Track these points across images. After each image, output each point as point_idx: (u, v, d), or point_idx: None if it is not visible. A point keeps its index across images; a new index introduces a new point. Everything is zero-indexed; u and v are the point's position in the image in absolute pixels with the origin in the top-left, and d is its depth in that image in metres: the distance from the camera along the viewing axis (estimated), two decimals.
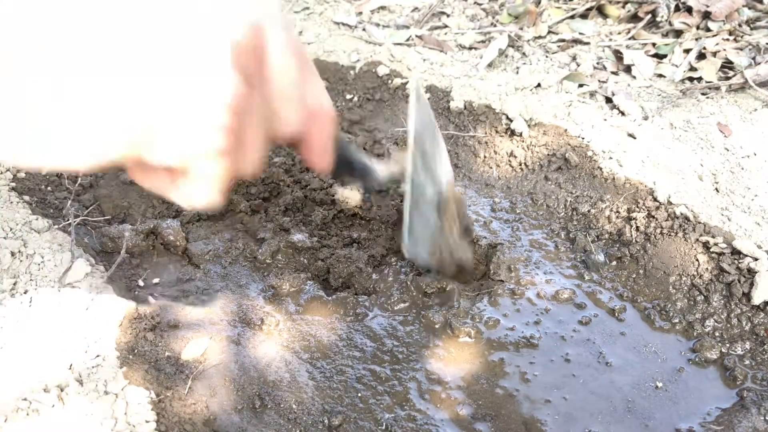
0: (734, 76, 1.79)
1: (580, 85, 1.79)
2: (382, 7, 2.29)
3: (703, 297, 1.27)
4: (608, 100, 1.75)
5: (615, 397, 1.14)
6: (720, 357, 1.20)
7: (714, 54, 1.89)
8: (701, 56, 1.90)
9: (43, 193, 1.49)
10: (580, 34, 2.08)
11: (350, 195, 1.49)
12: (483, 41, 2.06)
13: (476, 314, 1.27)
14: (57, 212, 1.43)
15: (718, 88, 1.76)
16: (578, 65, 1.90)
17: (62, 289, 1.15)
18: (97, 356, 1.05)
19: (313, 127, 0.51)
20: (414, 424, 1.07)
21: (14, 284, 1.15)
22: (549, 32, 2.09)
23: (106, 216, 1.48)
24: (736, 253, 1.28)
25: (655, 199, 1.42)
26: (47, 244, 1.24)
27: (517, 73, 1.88)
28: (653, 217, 1.39)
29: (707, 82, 1.80)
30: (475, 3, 2.32)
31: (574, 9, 2.17)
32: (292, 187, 1.57)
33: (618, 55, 1.94)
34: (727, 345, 1.21)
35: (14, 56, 0.33)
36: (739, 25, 1.96)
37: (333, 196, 1.52)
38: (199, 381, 1.09)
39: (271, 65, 0.44)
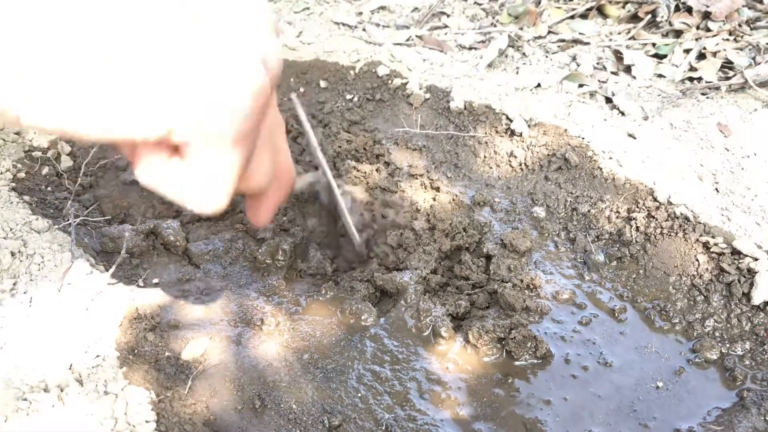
0: (734, 76, 1.79)
1: (580, 85, 1.79)
2: (382, 7, 2.28)
3: (703, 297, 1.27)
4: (608, 100, 1.75)
5: (615, 398, 1.14)
6: (720, 357, 1.20)
7: (714, 54, 1.89)
8: (701, 56, 1.90)
9: (43, 193, 1.49)
10: (580, 34, 2.08)
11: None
12: (483, 41, 2.06)
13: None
14: (57, 212, 1.43)
15: (718, 88, 1.76)
16: (578, 65, 1.90)
17: (62, 289, 1.15)
18: (97, 356, 1.05)
19: (275, 186, 0.53)
20: (414, 424, 1.07)
21: (14, 284, 1.15)
22: (549, 32, 2.09)
23: (106, 216, 1.47)
24: (736, 253, 1.28)
25: (655, 199, 1.42)
26: (47, 244, 1.24)
27: (517, 73, 1.88)
28: (653, 217, 1.39)
29: (707, 82, 1.80)
30: (475, 3, 2.31)
31: (574, 9, 2.17)
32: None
33: (618, 55, 1.94)
34: (727, 345, 1.21)
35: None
36: (739, 25, 1.96)
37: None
38: (199, 381, 1.09)
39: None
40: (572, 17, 2.15)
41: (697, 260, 1.31)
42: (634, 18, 2.11)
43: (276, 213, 0.58)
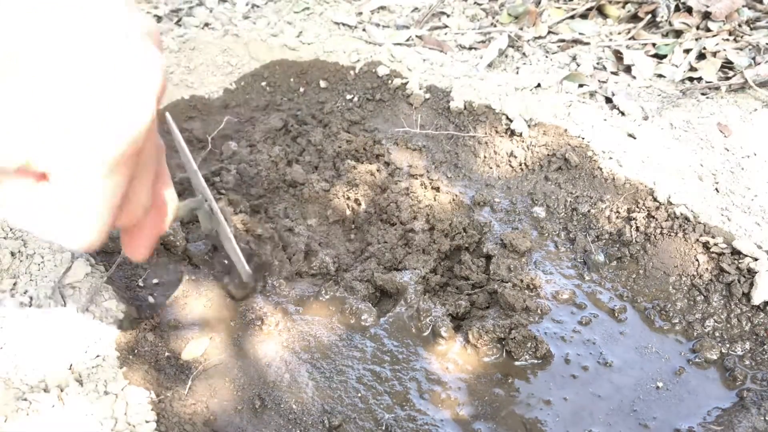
0: (734, 76, 1.79)
1: (580, 85, 1.79)
2: (382, 7, 2.28)
3: (703, 297, 1.27)
4: (608, 100, 1.75)
5: (615, 398, 1.14)
6: (720, 357, 1.20)
7: (714, 54, 1.89)
8: (701, 56, 1.90)
9: None
10: (580, 34, 2.08)
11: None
12: (483, 41, 2.06)
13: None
14: None
15: (718, 88, 1.76)
16: (578, 65, 1.90)
17: (62, 289, 1.15)
18: (97, 356, 1.05)
19: (153, 217, 0.47)
20: (414, 424, 1.07)
21: (14, 284, 1.15)
22: (549, 32, 2.09)
23: None
24: (736, 253, 1.28)
25: (655, 199, 1.42)
26: (47, 244, 1.24)
27: (517, 73, 1.88)
28: (653, 217, 1.39)
29: (707, 82, 1.80)
30: (475, 3, 2.31)
31: (574, 9, 2.17)
32: (291, 189, 1.57)
33: (618, 55, 1.94)
34: (727, 345, 1.21)
35: None
36: (739, 25, 1.96)
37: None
38: (199, 381, 1.09)
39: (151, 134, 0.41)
40: (572, 17, 2.15)
41: (697, 260, 1.31)
42: (634, 18, 2.11)
43: (156, 246, 0.53)
